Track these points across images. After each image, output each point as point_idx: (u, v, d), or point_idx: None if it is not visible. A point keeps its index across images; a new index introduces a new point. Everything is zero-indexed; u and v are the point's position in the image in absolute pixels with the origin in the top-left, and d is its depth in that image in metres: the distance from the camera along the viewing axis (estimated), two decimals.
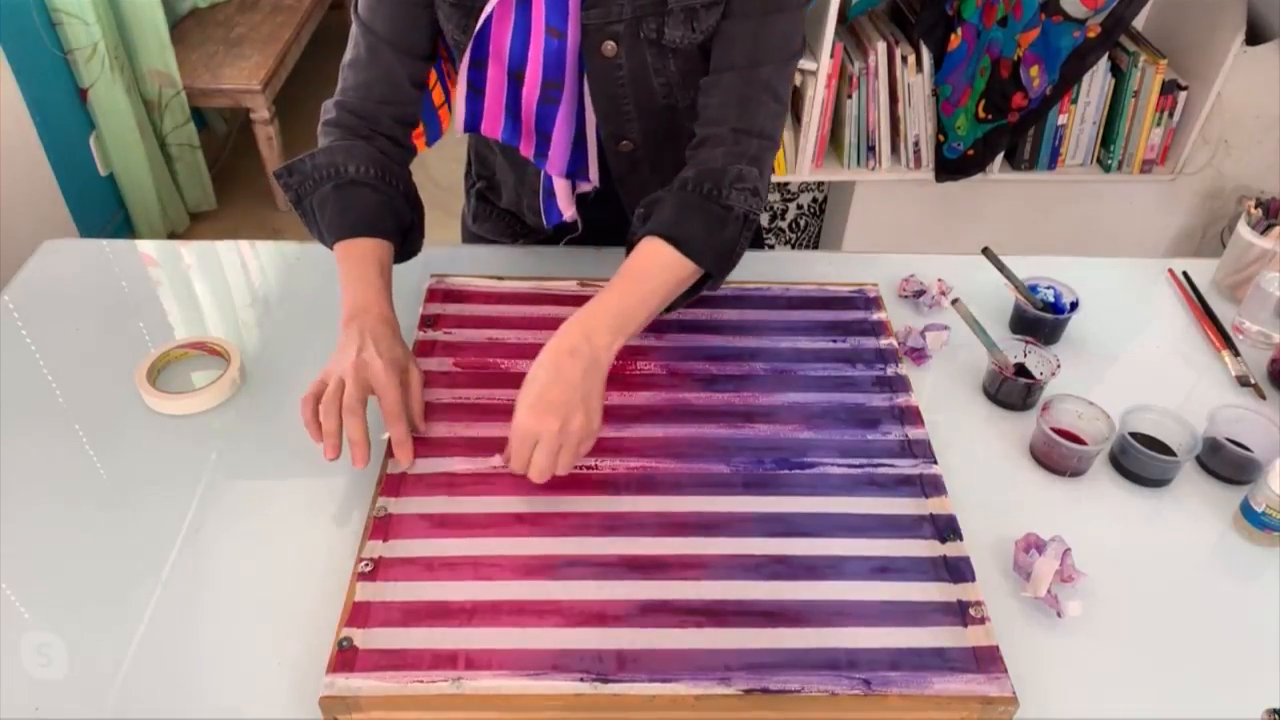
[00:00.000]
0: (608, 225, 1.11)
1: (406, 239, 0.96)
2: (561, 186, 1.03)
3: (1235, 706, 0.73)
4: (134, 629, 0.74)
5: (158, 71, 2.38)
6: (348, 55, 0.97)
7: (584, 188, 1.04)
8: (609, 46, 0.91)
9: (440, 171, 2.70)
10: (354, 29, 0.96)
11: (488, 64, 0.94)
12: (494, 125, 0.99)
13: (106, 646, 0.73)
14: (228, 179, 2.82)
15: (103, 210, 2.41)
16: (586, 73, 0.93)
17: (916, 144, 2.09)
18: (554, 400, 0.76)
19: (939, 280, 1.09)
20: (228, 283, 1.11)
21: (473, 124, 0.99)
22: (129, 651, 0.73)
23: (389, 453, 0.83)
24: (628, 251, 0.88)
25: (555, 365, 0.78)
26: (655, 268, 0.84)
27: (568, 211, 1.05)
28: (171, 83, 2.41)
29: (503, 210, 1.18)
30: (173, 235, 2.56)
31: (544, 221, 1.08)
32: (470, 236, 1.23)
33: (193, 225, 2.66)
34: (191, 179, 2.61)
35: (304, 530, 0.82)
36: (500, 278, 1.04)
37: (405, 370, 0.85)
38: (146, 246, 1.18)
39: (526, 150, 1.00)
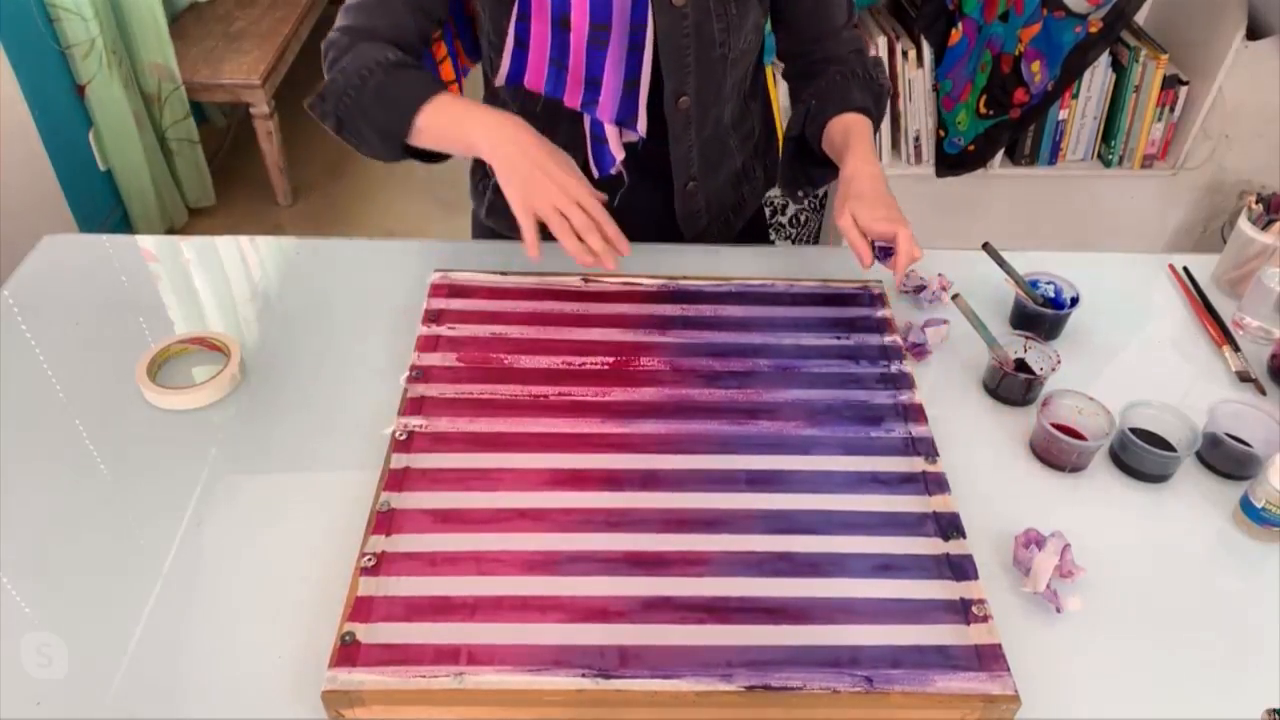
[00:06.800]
0: (650, 186, 1.11)
1: None
2: (612, 132, 1.03)
3: (1235, 701, 0.73)
4: (134, 624, 0.74)
5: (157, 65, 2.37)
6: None
7: (630, 137, 1.04)
8: None
9: (438, 163, 2.70)
10: None
11: (531, 18, 0.95)
12: (538, 77, 0.99)
13: (107, 642, 0.73)
14: (227, 174, 2.81)
15: (102, 206, 2.41)
16: (656, 26, 0.95)
17: (917, 139, 2.09)
18: (890, 198, 0.95)
19: (939, 275, 1.09)
20: (227, 278, 1.11)
21: (516, 77, 1.00)
22: (130, 646, 0.73)
23: (392, 447, 0.83)
24: (800, 127, 1.08)
25: (881, 178, 0.96)
26: (868, 132, 1.03)
27: (619, 154, 1.05)
28: (171, 77, 2.40)
29: None
30: (171, 231, 2.55)
31: (595, 172, 1.07)
32: (483, 230, 1.23)
33: (192, 220, 2.65)
34: (191, 174, 2.60)
35: (306, 525, 0.82)
36: (504, 273, 1.04)
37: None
38: (146, 242, 1.18)
39: (573, 100, 1.00)
